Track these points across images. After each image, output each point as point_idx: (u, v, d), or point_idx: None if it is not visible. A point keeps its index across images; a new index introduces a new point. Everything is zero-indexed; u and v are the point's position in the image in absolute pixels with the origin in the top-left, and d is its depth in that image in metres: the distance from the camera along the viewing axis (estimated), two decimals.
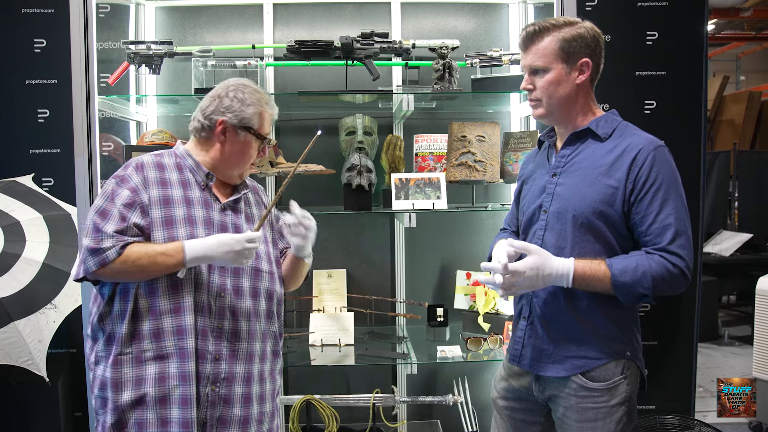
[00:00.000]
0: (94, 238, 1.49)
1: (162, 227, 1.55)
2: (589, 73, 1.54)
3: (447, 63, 2.40)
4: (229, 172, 1.66)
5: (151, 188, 1.57)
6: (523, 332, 1.62)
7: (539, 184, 1.63)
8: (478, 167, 2.51)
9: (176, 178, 1.61)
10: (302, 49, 2.33)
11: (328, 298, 2.82)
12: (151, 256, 1.49)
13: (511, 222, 1.84)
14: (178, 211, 1.57)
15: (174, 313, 1.53)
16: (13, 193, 2.50)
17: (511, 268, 1.46)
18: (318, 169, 2.44)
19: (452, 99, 2.58)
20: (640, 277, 1.43)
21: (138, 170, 1.58)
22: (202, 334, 1.55)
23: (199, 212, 1.60)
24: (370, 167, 2.41)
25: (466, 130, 2.56)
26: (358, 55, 2.37)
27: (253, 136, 1.64)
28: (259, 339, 1.64)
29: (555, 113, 1.57)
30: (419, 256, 2.90)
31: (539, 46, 1.53)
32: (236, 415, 1.56)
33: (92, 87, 2.18)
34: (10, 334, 2.21)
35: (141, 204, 1.54)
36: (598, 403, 1.50)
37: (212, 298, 1.57)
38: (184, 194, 1.60)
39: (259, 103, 1.64)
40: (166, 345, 1.52)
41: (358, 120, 2.68)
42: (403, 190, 2.40)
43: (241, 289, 1.62)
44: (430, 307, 2.69)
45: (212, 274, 1.58)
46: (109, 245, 1.47)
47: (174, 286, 1.54)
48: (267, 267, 1.69)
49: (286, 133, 2.85)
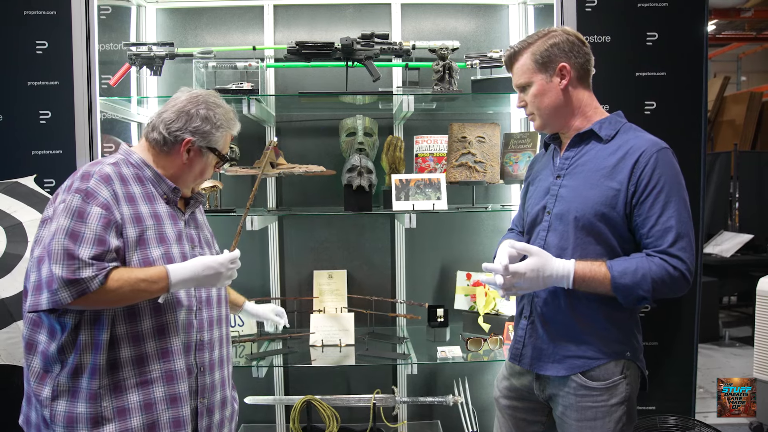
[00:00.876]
0: (68, 266, 1.32)
1: (136, 248, 1.43)
2: (571, 75, 1.56)
3: (447, 64, 2.41)
4: (186, 186, 1.61)
5: (121, 204, 1.43)
6: (523, 331, 1.63)
7: (544, 186, 1.64)
8: (478, 168, 2.52)
9: (140, 192, 1.49)
10: (302, 50, 2.34)
11: (328, 299, 2.82)
12: (132, 284, 1.37)
13: (519, 222, 1.85)
14: (149, 229, 1.47)
15: (158, 336, 1.47)
16: (15, 194, 2.51)
17: (511, 269, 1.47)
18: (318, 170, 2.45)
19: (452, 100, 2.59)
20: (640, 279, 1.43)
21: (105, 183, 1.42)
22: (186, 351, 1.52)
23: (168, 228, 1.52)
24: (371, 168, 2.42)
25: (466, 131, 2.57)
26: (359, 57, 2.38)
27: (216, 156, 1.59)
28: (225, 343, 1.67)
29: (551, 122, 1.61)
30: (420, 256, 2.91)
31: (517, 65, 1.60)
32: (216, 420, 1.59)
33: (94, 88, 2.19)
34: (12, 334, 2.22)
35: (116, 223, 1.40)
36: (598, 403, 1.51)
37: (193, 313, 1.55)
38: (152, 210, 1.49)
39: (228, 125, 1.58)
40: (150, 369, 1.45)
41: (359, 121, 2.69)
42: (403, 191, 2.41)
43: (211, 298, 1.62)
44: (430, 308, 2.70)
45: (189, 289, 1.55)
46: (90, 274, 1.33)
47: (156, 308, 1.47)
48: None
49: (287, 134, 2.86)
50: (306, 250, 2.88)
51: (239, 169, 2.56)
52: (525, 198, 1.77)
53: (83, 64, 2.19)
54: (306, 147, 2.84)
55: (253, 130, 2.78)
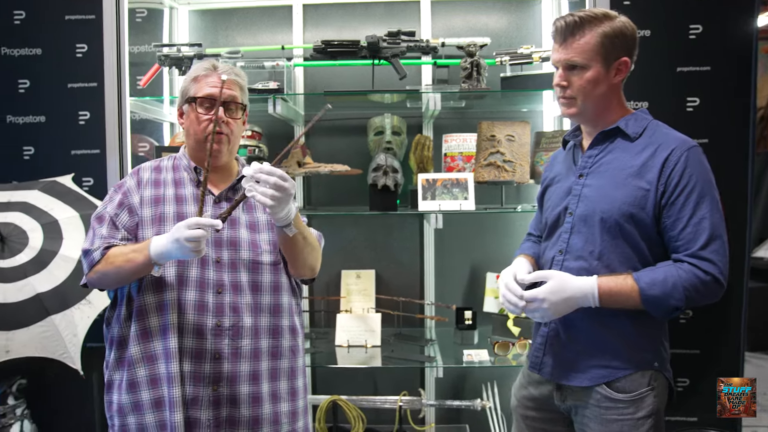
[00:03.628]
0: (90, 241, 1.56)
1: (151, 225, 1.56)
2: (626, 73, 1.47)
3: (475, 61, 2.36)
4: (199, 150, 1.60)
5: (144, 189, 1.60)
6: (544, 339, 1.56)
7: (565, 186, 1.56)
8: (507, 167, 2.45)
9: (171, 177, 1.63)
10: (328, 48, 2.33)
11: (356, 299, 2.80)
12: (124, 254, 1.49)
13: (536, 227, 1.78)
14: (168, 208, 1.58)
15: (159, 312, 1.52)
16: (53, 193, 2.59)
17: (527, 296, 1.42)
18: (343, 170, 2.43)
19: (481, 98, 2.53)
20: (671, 289, 1.35)
21: (133, 174, 1.65)
22: (198, 333, 1.52)
23: (191, 209, 1.58)
24: (396, 167, 2.39)
25: (495, 130, 2.50)
26: (385, 54, 2.35)
27: (192, 104, 1.58)
28: (267, 335, 1.59)
29: (588, 113, 1.50)
30: (448, 257, 2.86)
31: (580, 41, 1.41)
32: (245, 416, 1.53)
33: (124, 89, 2.24)
34: (46, 327, 2.29)
35: (129, 205, 1.58)
36: (624, 416, 1.43)
37: (210, 295, 1.54)
38: (176, 192, 1.60)
39: (195, 71, 1.61)
40: (154, 346, 1.52)
41: (387, 120, 2.66)
42: (429, 191, 2.37)
43: (240, 284, 1.57)
44: (458, 310, 2.65)
45: (207, 270, 1.54)
46: (96, 246, 1.52)
47: (158, 283, 1.52)
48: (269, 258, 1.61)
49: (314, 133, 2.85)
50: (334, 250, 2.86)
51: None
52: (543, 200, 1.69)
53: (113, 66, 2.24)
54: (335, 146, 2.83)
55: (281, 130, 2.79)
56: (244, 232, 1.61)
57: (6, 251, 2.34)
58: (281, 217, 1.45)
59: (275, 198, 1.38)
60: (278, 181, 1.38)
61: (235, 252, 1.58)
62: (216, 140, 1.54)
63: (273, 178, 1.38)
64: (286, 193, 1.40)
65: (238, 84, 1.63)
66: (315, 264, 1.67)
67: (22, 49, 3.10)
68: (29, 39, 3.08)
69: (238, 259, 1.58)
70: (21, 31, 3.08)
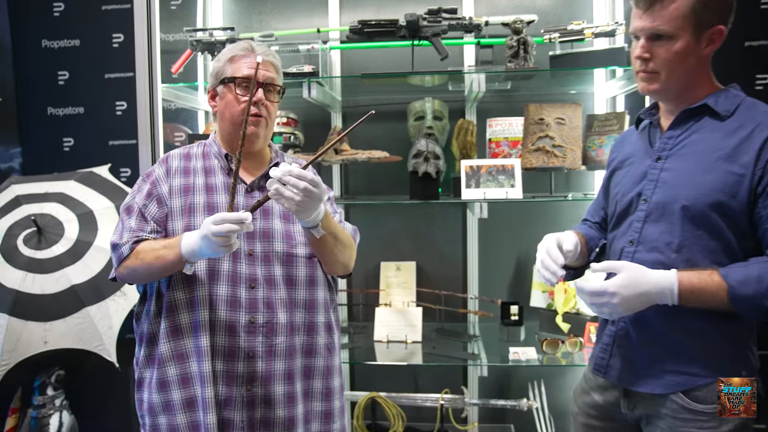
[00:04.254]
0: (118, 234, 1.49)
1: (180, 216, 1.49)
2: (719, 43, 1.28)
3: (522, 38, 2.19)
4: (235, 134, 1.51)
5: (173, 178, 1.53)
6: (611, 339, 1.40)
7: (638, 170, 1.39)
8: (556, 152, 2.29)
9: (200, 165, 1.56)
10: (365, 29, 2.21)
11: (396, 292, 2.70)
12: (155, 251, 1.41)
13: (595, 212, 1.63)
14: (198, 198, 1.50)
15: (189, 308, 1.45)
16: (89, 183, 2.57)
17: (597, 289, 1.26)
18: (382, 156, 2.31)
19: (528, 79, 2.36)
20: (766, 288, 1.18)
21: (162, 162, 1.57)
22: (230, 330, 1.44)
23: (222, 198, 1.51)
24: (438, 153, 2.25)
25: (543, 113, 2.34)
26: (425, 34, 2.21)
27: (229, 85, 1.51)
28: (302, 332, 1.51)
29: (672, 89, 1.33)
30: (493, 248, 2.71)
31: (669, 7, 1.24)
32: (280, 417, 1.45)
33: (156, 78, 2.17)
34: (82, 319, 2.27)
35: (158, 195, 1.51)
36: (705, 429, 1.26)
37: (242, 290, 1.46)
38: (206, 181, 1.53)
39: (229, 51, 1.54)
40: (184, 344, 1.45)
41: (427, 104, 2.52)
42: (473, 178, 2.23)
43: (274, 278, 1.49)
44: (503, 305, 2.50)
45: (239, 264, 1.47)
46: (125, 240, 1.46)
47: (188, 277, 1.45)
48: (304, 251, 1.53)
49: (351, 119, 2.75)
50: (373, 241, 2.75)
51: (302, 156, 2.47)
52: (609, 184, 1.53)
53: (144, 55, 2.17)
54: (372, 132, 2.72)
55: (317, 116, 2.69)
56: (277, 223, 1.53)
57: (43, 242, 2.32)
58: (308, 220, 1.38)
59: (303, 204, 1.31)
60: (308, 187, 1.30)
61: (269, 244, 1.50)
62: (253, 122, 1.48)
63: (302, 184, 1.29)
64: (316, 198, 1.32)
65: (274, 66, 1.57)
66: (348, 262, 1.58)
67: (61, 40, 3.13)
68: (68, 30, 3.10)
69: (271, 251, 1.50)
70: (60, 23, 3.11)
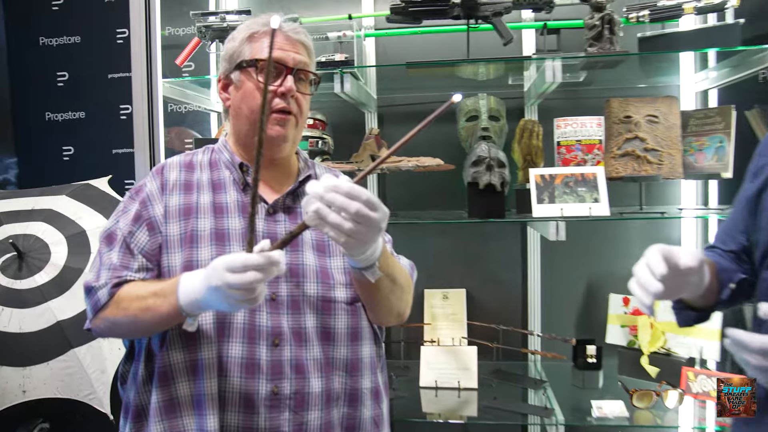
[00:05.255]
0: (95, 272, 1.13)
1: (179, 248, 1.12)
2: None
3: (606, 16, 1.75)
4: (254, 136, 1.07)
5: (170, 194, 1.17)
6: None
7: None
8: (650, 158, 1.83)
9: (206, 178, 1.20)
10: (410, 8, 1.79)
11: (443, 326, 2.26)
12: (143, 299, 1.05)
13: (730, 238, 1.18)
14: (203, 222, 1.13)
15: (191, 375, 1.07)
16: (83, 198, 2.19)
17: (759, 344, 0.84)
18: (434, 164, 1.88)
19: (613, 67, 1.91)
20: None
21: (156, 174, 1.20)
22: (246, 405, 1.06)
23: (235, 223, 1.15)
24: (503, 160, 1.81)
25: (631, 109, 1.89)
26: (484, 13, 1.79)
27: (248, 70, 1.17)
28: (342, 403, 1.13)
29: None
30: (560, 273, 2.27)
31: None
32: None
33: (155, 74, 1.79)
34: (70, 363, 1.88)
35: (149, 219, 1.14)
36: None
37: (263, 349, 1.07)
38: (213, 199, 1.17)
39: (248, 28, 1.19)
40: (184, 425, 1.06)
41: (482, 101, 2.09)
42: (546, 191, 1.78)
43: (305, 331, 1.11)
44: (578, 343, 2.04)
45: (258, 313, 1.09)
46: (103, 282, 1.10)
47: (189, 333, 1.07)
48: (345, 294, 1.15)
49: (389, 120, 2.33)
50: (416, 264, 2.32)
51: (333, 165, 2.06)
52: (756, 203, 1.09)
53: (141, 49, 1.80)
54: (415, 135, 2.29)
55: (350, 116, 2.28)
56: (309, 256, 1.16)
57: (24, 269, 1.94)
58: (361, 258, 1.00)
59: (355, 234, 0.90)
60: (362, 210, 0.89)
61: (298, 285, 1.13)
62: (278, 121, 1.14)
63: (355, 205, 0.89)
64: (374, 226, 0.92)
65: (306, 48, 1.21)
66: (404, 309, 1.20)
67: (60, 37, 2.80)
68: (68, 26, 2.78)
69: (301, 295, 1.13)
70: (59, 18, 2.79)
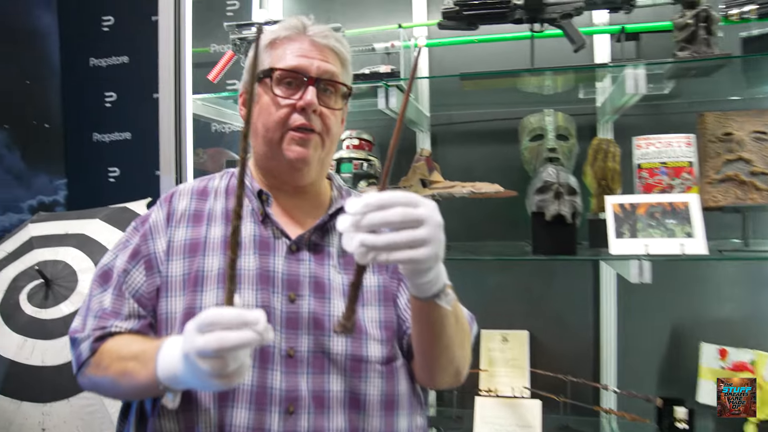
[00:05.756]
0: (81, 318, 0.99)
1: (181, 291, 0.95)
2: None
3: (702, 13, 1.47)
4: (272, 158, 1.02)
5: (176, 227, 1.01)
6: None
7: None
8: (758, 183, 1.51)
9: (220, 207, 1.03)
10: (464, 11, 1.57)
11: (502, 373, 1.99)
12: (123, 360, 0.89)
13: None
14: (211, 260, 0.97)
15: None
16: (118, 222, 2.08)
17: None
18: (492, 191, 1.63)
19: (707, 75, 1.61)
20: None
21: (164, 202, 1.06)
22: None
23: (249, 262, 0.96)
24: (573, 186, 1.53)
25: (731, 124, 1.58)
26: (550, 15, 1.54)
27: (265, 81, 1.01)
28: None
29: None
30: (640, 317, 1.96)
31: None
32: None
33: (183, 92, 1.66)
34: (91, 401, 1.74)
35: (147, 256, 0.99)
36: None
37: (275, 418, 0.89)
38: (226, 234, 0.99)
39: (272, 33, 1.04)
40: None
41: (548, 118, 1.83)
42: (627, 223, 1.50)
43: (328, 397, 0.92)
44: (666, 404, 1.72)
45: (270, 371, 0.91)
46: (87, 333, 0.96)
47: (185, 396, 0.87)
48: (379, 351, 0.96)
49: (444, 140, 2.11)
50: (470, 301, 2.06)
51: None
52: None
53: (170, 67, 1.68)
54: (469, 157, 2.07)
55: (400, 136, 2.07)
56: (337, 304, 0.98)
57: (50, 298, 1.83)
58: (424, 282, 0.79)
59: (418, 242, 0.71)
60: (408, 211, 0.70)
61: (322, 339, 0.95)
62: (298, 140, 0.99)
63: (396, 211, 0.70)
64: (428, 223, 0.71)
65: (337, 54, 1.04)
66: (464, 365, 0.99)
67: (109, 58, 2.78)
68: (117, 46, 2.75)
69: (326, 352, 0.95)
70: (109, 39, 2.77)
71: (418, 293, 0.82)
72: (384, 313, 1.00)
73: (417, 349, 0.96)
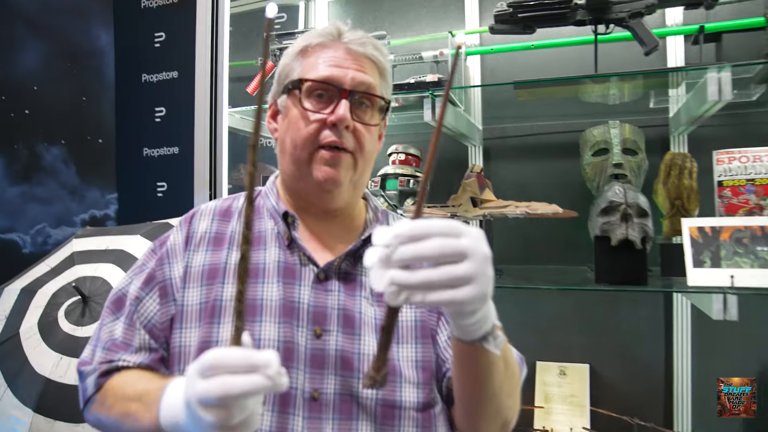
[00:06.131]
0: (90, 349, 0.91)
1: (197, 321, 0.87)
2: None
3: None
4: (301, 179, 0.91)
5: (194, 251, 0.92)
6: None
7: None
8: None
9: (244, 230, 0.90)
10: (519, 13, 1.43)
11: (559, 410, 1.81)
12: (126, 400, 0.81)
13: None
14: (229, 290, 0.87)
15: None
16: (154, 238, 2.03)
17: None
18: (549, 212, 1.47)
19: None
20: None
21: (184, 223, 0.97)
22: None
23: (272, 291, 0.87)
24: (644, 207, 1.35)
25: None
26: (618, 15, 1.38)
27: (294, 92, 0.90)
28: None
29: None
30: (720, 355, 1.73)
31: None
32: None
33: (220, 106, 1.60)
34: None
35: (162, 282, 0.91)
36: None
37: None
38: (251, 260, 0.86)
39: (304, 40, 0.93)
40: None
41: (613, 130, 1.66)
42: (708, 249, 1.30)
43: None
44: None
45: (291, 417, 0.81)
46: (93, 366, 0.88)
47: None
48: (415, 396, 0.84)
49: (497, 155, 1.96)
50: (524, 330, 1.90)
51: (427, 210, 1.72)
52: None
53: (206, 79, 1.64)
54: (525, 174, 1.92)
55: (450, 150, 1.94)
56: (369, 342, 0.87)
57: (87, 315, 1.78)
58: (468, 324, 0.65)
59: (458, 303, 0.59)
60: (446, 242, 0.58)
61: (351, 381, 0.84)
62: (329, 159, 0.88)
63: (433, 243, 0.58)
64: (472, 254, 0.58)
65: (375, 63, 0.93)
66: (512, 416, 0.85)
67: (160, 73, 2.79)
68: (167, 62, 2.76)
69: (355, 396, 0.84)
70: (161, 54, 2.78)
71: (462, 335, 0.68)
72: (421, 351, 0.87)
73: (458, 395, 0.83)
